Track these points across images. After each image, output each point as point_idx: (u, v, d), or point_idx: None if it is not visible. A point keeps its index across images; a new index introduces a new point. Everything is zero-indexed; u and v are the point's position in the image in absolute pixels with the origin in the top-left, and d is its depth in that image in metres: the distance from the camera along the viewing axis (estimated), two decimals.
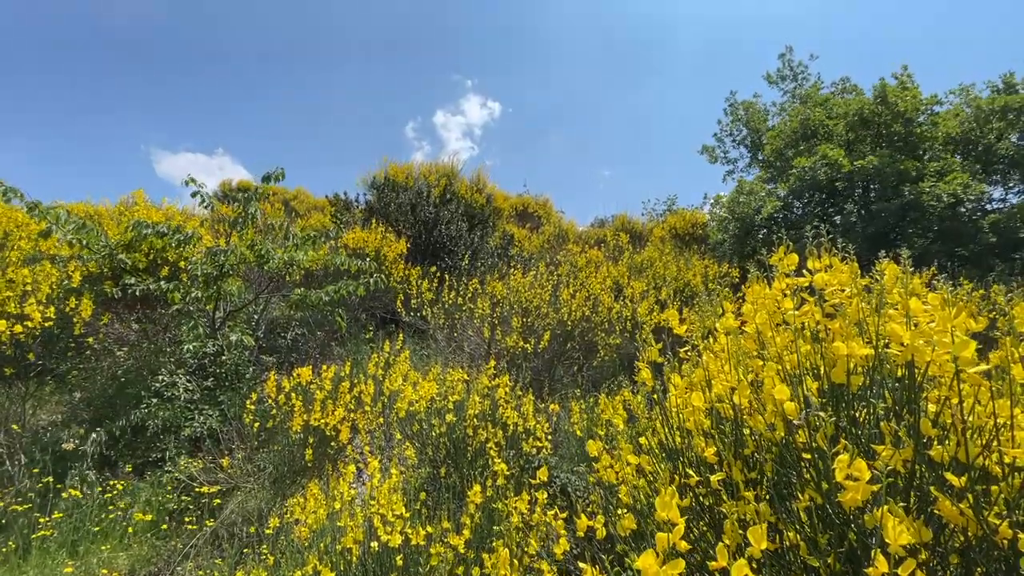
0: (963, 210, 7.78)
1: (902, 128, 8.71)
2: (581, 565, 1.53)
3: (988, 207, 8.39)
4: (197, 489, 4.05)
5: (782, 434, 1.39)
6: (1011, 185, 8.90)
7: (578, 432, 4.47)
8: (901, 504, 1.13)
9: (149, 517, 3.74)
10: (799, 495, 1.38)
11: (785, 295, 1.45)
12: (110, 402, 4.95)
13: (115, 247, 5.35)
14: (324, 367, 5.02)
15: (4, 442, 4.23)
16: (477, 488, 2.68)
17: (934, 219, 7.63)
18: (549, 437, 4.02)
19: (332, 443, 4.38)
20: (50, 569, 3.21)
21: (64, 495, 3.80)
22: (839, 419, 1.36)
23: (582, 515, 1.74)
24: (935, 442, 1.19)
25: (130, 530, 3.65)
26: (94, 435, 4.40)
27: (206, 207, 5.55)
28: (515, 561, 2.20)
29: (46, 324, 4.33)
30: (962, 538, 1.17)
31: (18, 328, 4.01)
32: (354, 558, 2.56)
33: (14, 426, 4.37)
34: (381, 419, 4.58)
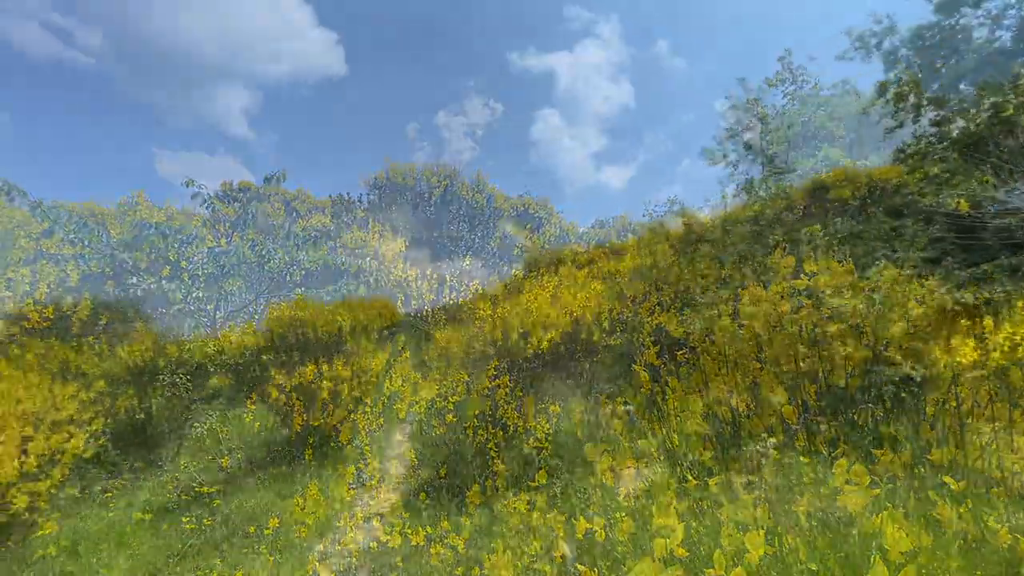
0: (968, 212, 7.72)
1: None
2: (579, 567, 1.53)
3: (993, 208, 8.34)
4: (197, 489, 4.05)
5: (780, 437, 1.38)
6: (1013, 187, 8.85)
7: (579, 434, 4.46)
8: (900, 509, 1.13)
9: (149, 517, 3.74)
10: (798, 498, 1.38)
11: (783, 297, 1.45)
12: (111, 402, 4.95)
13: (117, 247, 5.37)
14: (325, 367, 5.02)
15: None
16: (476, 489, 2.68)
17: (937, 221, 7.59)
18: (549, 438, 4.02)
19: (332, 443, 4.38)
20: (50, 569, 3.22)
21: (64, 495, 3.80)
22: (837, 422, 1.35)
23: (581, 517, 1.74)
24: (934, 445, 1.18)
25: (129, 530, 3.66)
26: (95, 435, 4.40)
27: (207, 208, 5.56)
28: (518, 563, 2.20)
29: (44, 325, 4.34)
30: (961, 542, 1.16)
31: (15, 330, 4.02)
32: (354, 559, 2.56)
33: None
34: (381, 420, 4.58)
